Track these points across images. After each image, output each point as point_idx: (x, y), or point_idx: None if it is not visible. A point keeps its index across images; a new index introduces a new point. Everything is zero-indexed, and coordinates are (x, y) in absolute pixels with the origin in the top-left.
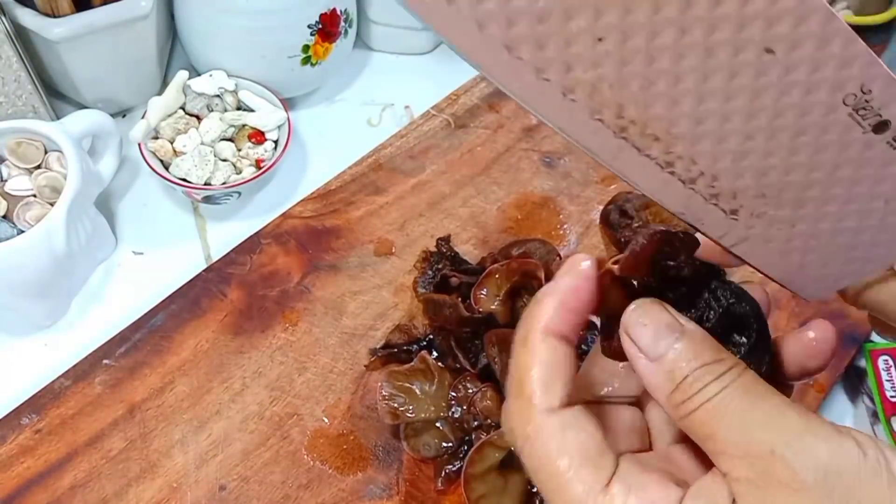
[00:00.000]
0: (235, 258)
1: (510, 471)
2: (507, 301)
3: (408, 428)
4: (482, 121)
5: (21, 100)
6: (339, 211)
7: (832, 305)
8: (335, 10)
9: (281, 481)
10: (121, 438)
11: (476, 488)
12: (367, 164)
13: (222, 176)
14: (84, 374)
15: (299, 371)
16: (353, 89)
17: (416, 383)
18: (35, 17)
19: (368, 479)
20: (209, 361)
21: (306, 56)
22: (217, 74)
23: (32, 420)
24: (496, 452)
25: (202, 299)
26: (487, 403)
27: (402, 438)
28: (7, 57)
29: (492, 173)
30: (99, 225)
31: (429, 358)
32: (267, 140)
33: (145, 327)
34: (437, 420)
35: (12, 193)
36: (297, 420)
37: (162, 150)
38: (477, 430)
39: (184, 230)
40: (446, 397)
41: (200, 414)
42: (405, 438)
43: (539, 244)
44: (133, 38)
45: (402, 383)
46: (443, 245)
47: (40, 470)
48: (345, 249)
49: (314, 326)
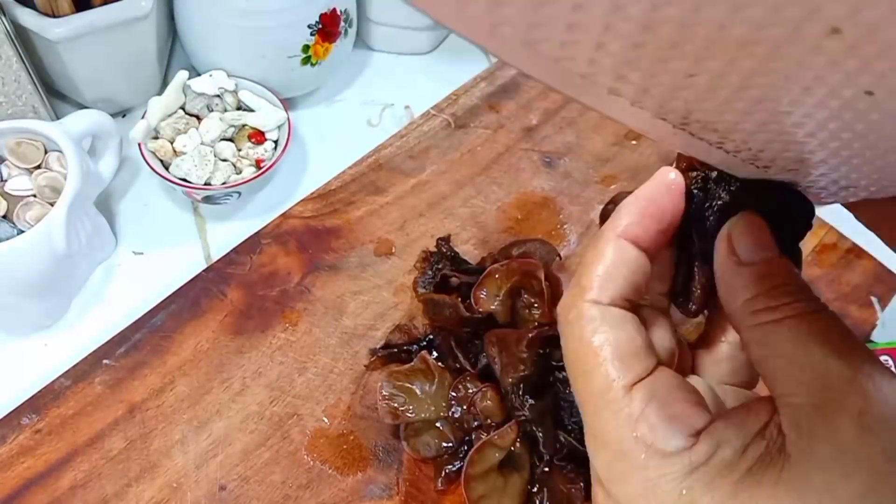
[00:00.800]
0: (235, 258)
1: (510, 471)
2: (508, 301)
3: (408, 428)
4: (482, 121)
5: (21, 100)
6: (339, 211)
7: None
8: (335, 10)
9: (281, 481)
10: (121, 438)
11: (476, 488)
12: (367, 164)
13: (222, 176)
14: (84, 374)
15: (299, 371)
16: (353, 89)
17: (417, 383)
18: (35, 17)
19: (368, 479)
20: (209, 361)
21: (306, 56)
22: (217, 74)
23: (32, 420)
24: (496, 452)
25: (202, 299)
26: (488, 403)
27: (402, 438)
28: (7, 57)
29: (492, 173)
30: (99, 225)
31: (429, 358)
32: (267, 140)
33: (145, 327)
34: (438, 420)
35: (12, 193)
36: (297, 420)
37: (162, 150)
38: (477, 430)
39: (184, 230)
40: (446, 397)
41: (200, 414)
42: (405, 438)
43: (539, 244)
44: (133, 38)
45: (402, 383)
46: (443, 245)
47: (40, 470)
48: (345, 249)
49: (314, 326)
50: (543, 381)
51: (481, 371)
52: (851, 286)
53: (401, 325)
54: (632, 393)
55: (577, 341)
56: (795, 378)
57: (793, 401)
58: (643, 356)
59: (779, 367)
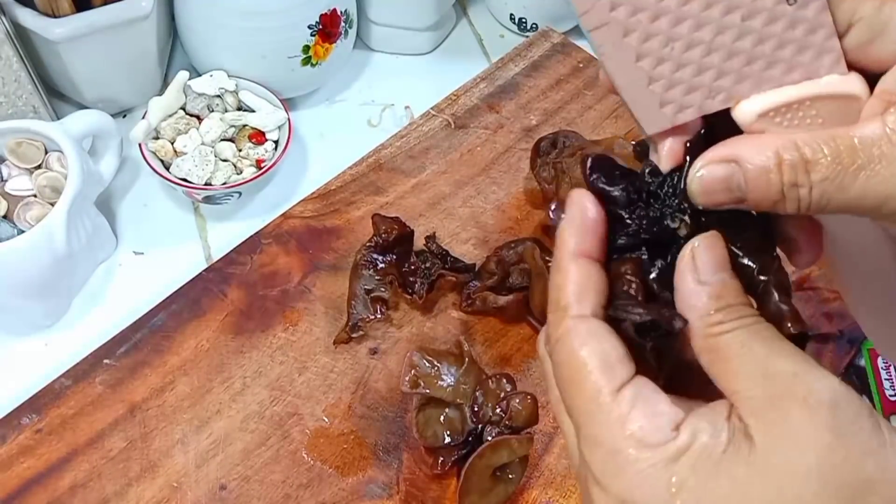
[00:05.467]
0: (236, 258)
1: (502, 479)
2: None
3: (419, 413)
4: (482, 121)
5: (21, 100)
6: (339, 211)
7: (831, 305)
8: (335, 10)
9: (281, 481)
10: (121, 438)
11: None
12: (367, 165)
13: (223, 176)
14: (84, 374)
15: (300, 371)
16: (353, 90)
17: (444, 364)
18: (35, 17)
19: (368, 478)
20: (210, 361)
21: (306, 56)
22: (217, 75)
23: (33, 420)
24: (507, 455)
25: (203, 299)
26: (520, 408)
27: (413, 419)
28: (7, 57)
29: (492, 173)
30: (99, 225)
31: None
32: (267, 140)
33: (146, 327)
34: (450, 406)
35: (13, 193)
36: (298, 420)
37: (162, 150)
38: (491, 423)
39: (184, 230)
40: (466, 385)
41: (201, 413)
42: (415, 421)
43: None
44: (133, 39)
45: (432, 359)
46: (431, 244)
47: (41, 470)
48: (345, 249)
49: (314, 326)
50: None
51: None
52: None
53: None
54: (619, 397)
55: (567, 355)
56: (748, 376)
57: (747, 394)
58: (626, 363)
59: (731, 370)
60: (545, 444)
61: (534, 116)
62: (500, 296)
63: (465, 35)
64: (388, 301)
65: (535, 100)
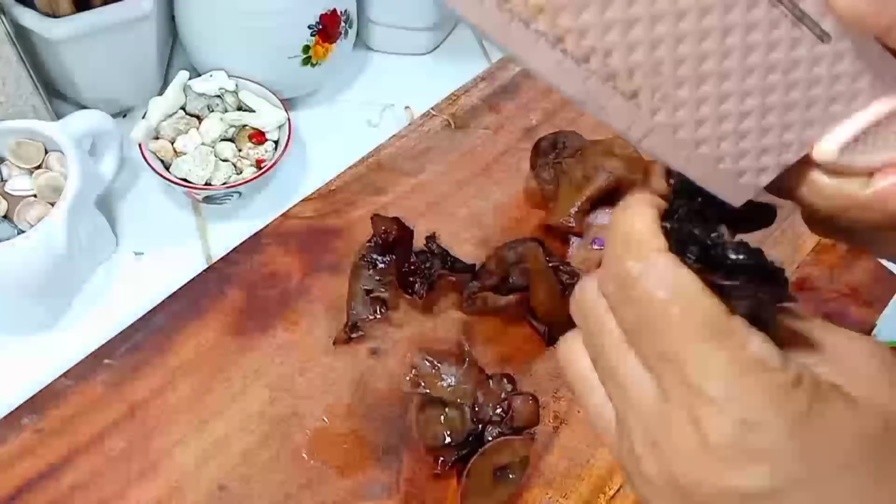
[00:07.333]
0: (236, 258)
1: (503, 479)
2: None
3: (419, 413)
4: (482, 121)
5: (21, 100)
6: (339, 211)
7: (831, 305)
8: (335, 10)
9: (281, 481)
10: (121, 438)
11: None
12: (367, 165)
13: (223, 176)
14: (85, 374)
15: (300, 371)
16: (354, 90)
17: (445, 364)
18: (35, 17)
19: (368, 479)
20: (210, 361)
21: (307, 56)
22: (217, 75)
23: (33, 420)
24: (511, 456)
25: (203, 299)
26: (522, 409)
27: (413, 419)
28: (7, 57)
29: (492, 173)
30: (99, 225)
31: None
32: (267, 140)
33: (146, 327)
34: (450, 406)
35: (13, 193)
36: (298, 420)
37: (162, 150)
38: (491, 423)
39: (184, 230)
40: (466, 385)
41: (201, 414)
42: (415, 421)
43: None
44: (133, 39)
45: (433, 359)
46: (431, 243)
47: (41, 470)
48: (345, 249)
49: (314, 326)
50: None
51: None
52: (851, 286)
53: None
54: (734, 322)
55: (660, 287)
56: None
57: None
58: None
59: None
60: (546, 444)
61: (534, 116)
62: (501, 296)
63: (465, 35)
64: (388, 301)
65: (535, 100)
